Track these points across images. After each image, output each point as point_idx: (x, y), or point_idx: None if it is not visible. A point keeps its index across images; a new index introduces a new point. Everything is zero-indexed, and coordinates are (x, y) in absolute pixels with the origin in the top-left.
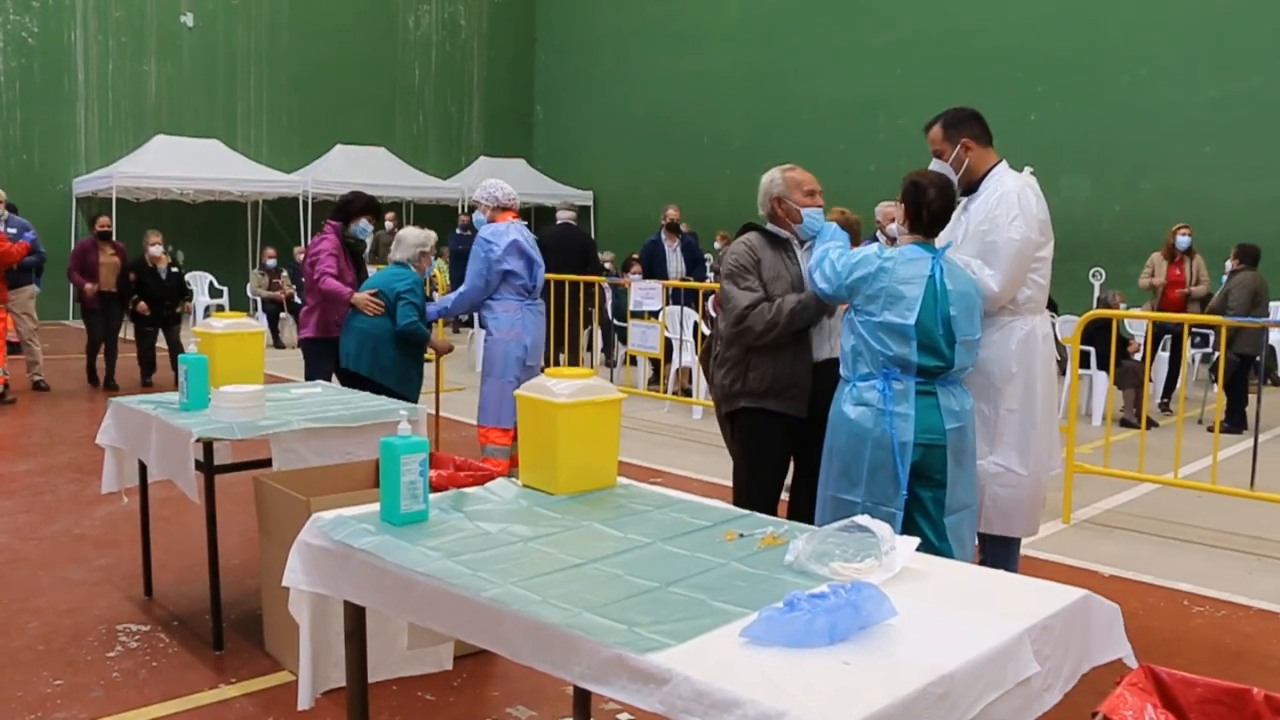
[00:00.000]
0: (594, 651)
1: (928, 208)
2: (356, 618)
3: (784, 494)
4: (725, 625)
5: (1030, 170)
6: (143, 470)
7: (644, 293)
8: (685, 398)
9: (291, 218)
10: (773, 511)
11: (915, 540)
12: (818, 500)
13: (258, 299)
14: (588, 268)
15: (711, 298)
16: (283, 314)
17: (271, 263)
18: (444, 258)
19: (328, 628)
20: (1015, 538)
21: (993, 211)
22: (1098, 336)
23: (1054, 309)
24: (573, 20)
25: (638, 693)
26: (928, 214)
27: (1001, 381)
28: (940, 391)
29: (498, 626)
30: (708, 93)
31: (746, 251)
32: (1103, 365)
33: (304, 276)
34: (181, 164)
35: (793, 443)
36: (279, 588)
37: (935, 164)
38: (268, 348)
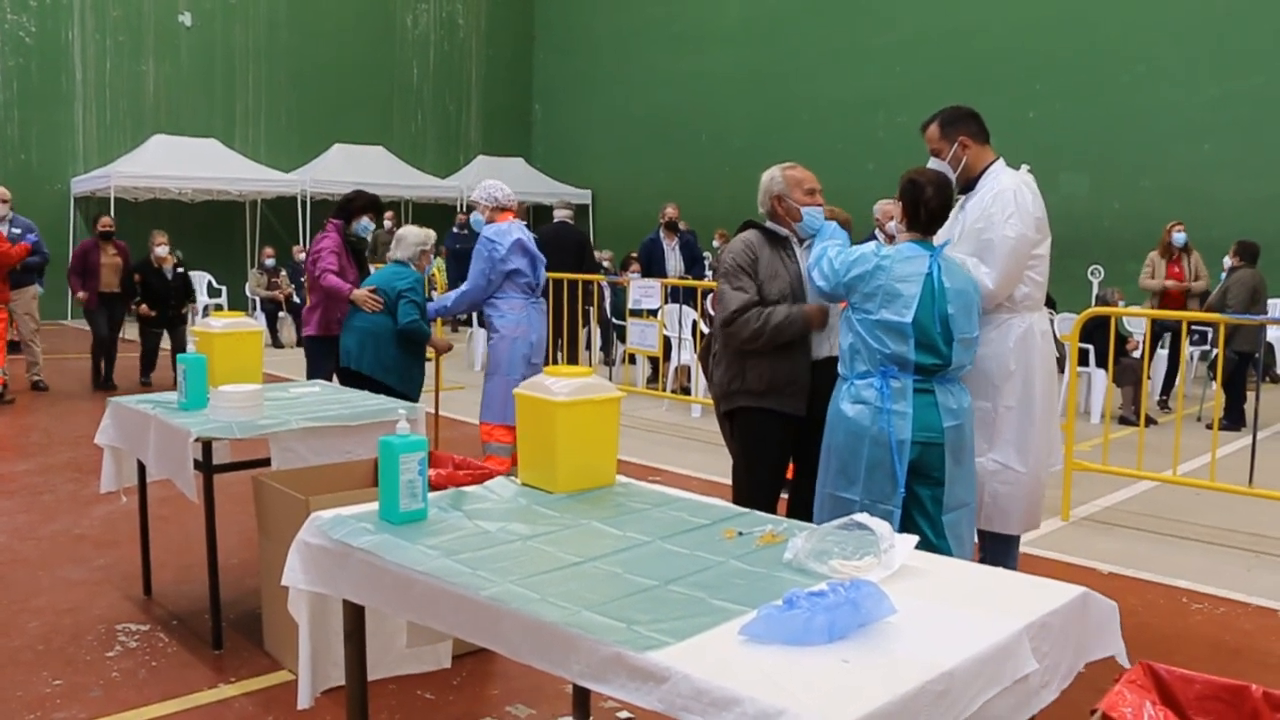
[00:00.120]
0: (593, 650)
1: (925, 206)
2: (356, 617)
3: (783, 493)
4: (724, 623)
5: (1027, 168)
6: (141, 470)
7: (642, 291)
8: (684, 396)
9: (290, 217)
10: (772, 510)
11: (914, 538)
12: (816, 498)
13: (256, 298)
14: (584, 266)
15: (710, 296)
16: (281, 313)
17: (270, 262)
18: (442, 256)
19: (327, 627)
20: (1014, 535)
21: (988, 209)
22: (1096, 334)
23: (1052, 306)
24: (571, 19)
25: (637, 691)
26: (925, 212)
27: (1000, 379)
28: (938, 389)
29: (497, 625)
30: (707, 92)
31: (744, 250)
32: (1101, 363)
33: (306, 274)
34: (180, 163)
35: (792, 441)
36: (278, 587)
37: (933, 162)
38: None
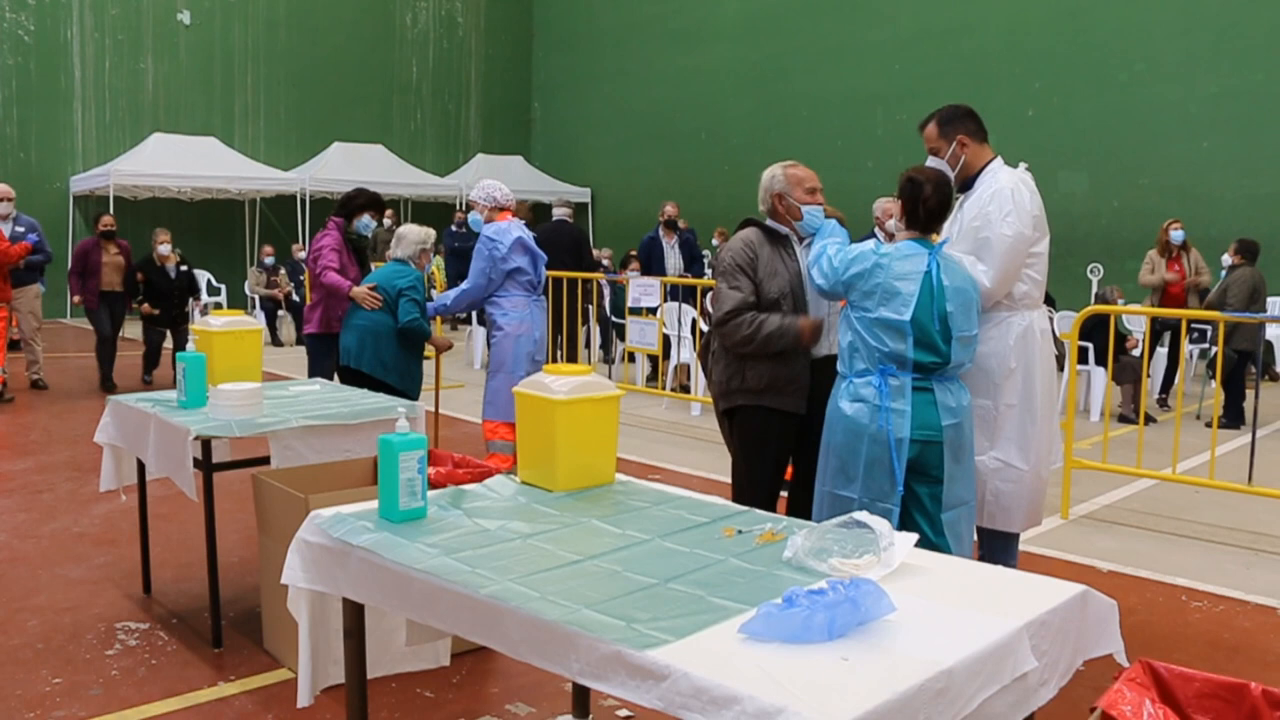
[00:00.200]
0: (593, 648)
1: (924, 204)
2: (355, 615)
3: (782, 491)
4: (724, 621)
5: (1025, 166)
6: (141, 468)
7: (642, 289)
8: (683, 394)
9: (289, 215)
10: (771, 508)
11: (914, 536)
12: (815, 496)
13: (255, 297)
14: (582, 264)
15: (710, 294)
16: (280, 311)
17: (269, 260)
18: (440, 255)
19: (327, 625)
20: (1014, 533)
21: (985, 208)
22: (1096, 332)
23: (1051, 304)
24: (570, 17)
25: (636, 689)
26: (924, 210)
27: (1000, 377)
28: (937, 388)
29: (496, 623)
30: (706, 90)
31: (743, 249)
32: (1101, 361)
33: (307, 272)
34: (179, 162)
35: (791, 439)
36: (278, 585)
37: (932, 160)
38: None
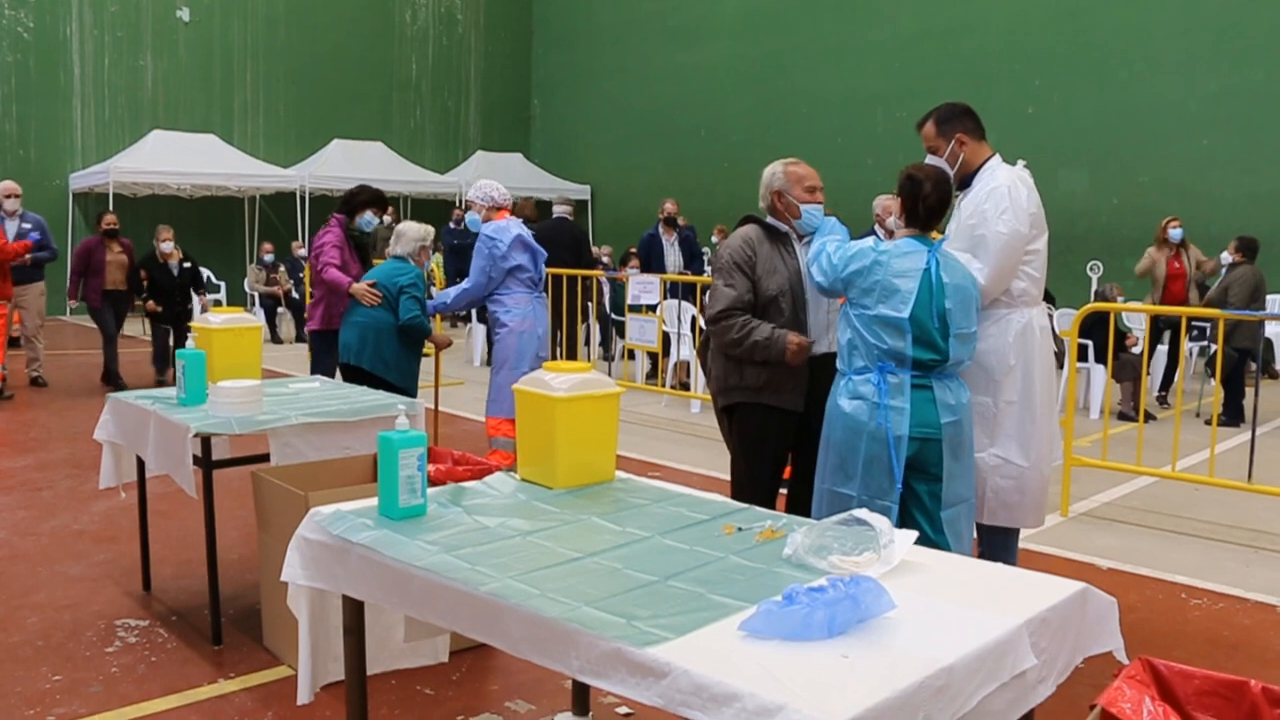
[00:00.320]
0: (593, 645)
1: (924, 201)
2: (355, 612)
3: (782, 489)
4: (724, 619)
5: (1024, 163)
6: (141, 465)
7: (642, 287)
8: (683, 392)
9: (289, 213)
10: (771, 505)
11: (914, 533)
12: (814, 494)
13: (255, 294)
14: (581, 261)
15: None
16: (280, 309)
17: (269, 258)
18: (439, 251)
19: (326, 622)
20: (1014, 530)
21: (981, 206)
22: (1095, 330)
23: (1051, 302)
24: (570, 14)
25: (636, 686)
26: (924, 208)
27: (1000, 374)
28: (936, 385)
29: (496, 620)
30: (705, 87)
31: (741, 246)
32: (1101, 358)
33: (310, 269)
34: (178, 159)
35: (790, 436)
36: (277, 582)
37: (930, 158)
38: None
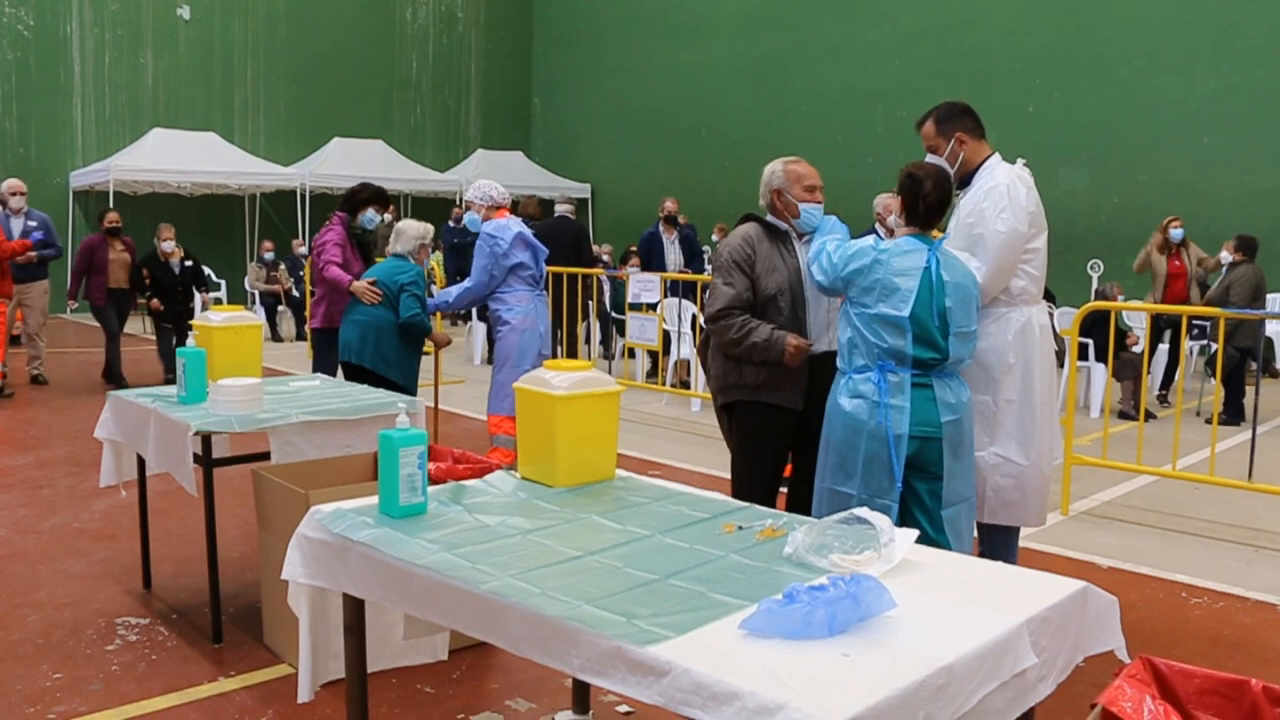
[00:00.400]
0: (593, 644)
1: (924, 200)
2: (356, 610)
3: (782, 487)
4: (724, 617)
5: (1023, 162)
6: (141, 464)
7: (642, 285)
8: (683, 390)
9: (289, 211)
10: (771, 503)
11: (914, 532)
12: (814, 493)
13: (255, 292)
14: (582, 260)
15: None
16: (280, 307)
17: (269, 256)
18: (439, 249)
19: (327, 620)
20: (1014, 528)
21: (980, 205)
22: (1096, 329)
23: (1051, 300)
24: (570, 12)
25: (637, 685)
26: (924, 206)
27: (999, 373)
28: (936, 384)
29: (497, 619)
30: (706, 85)
31: (741, 245)
32: (1101, 357)
33: (309, 267)
34: (178, 157)
35: (789, 434)
36: (278, 581)
37: (930, 157)
38: (265, 341)
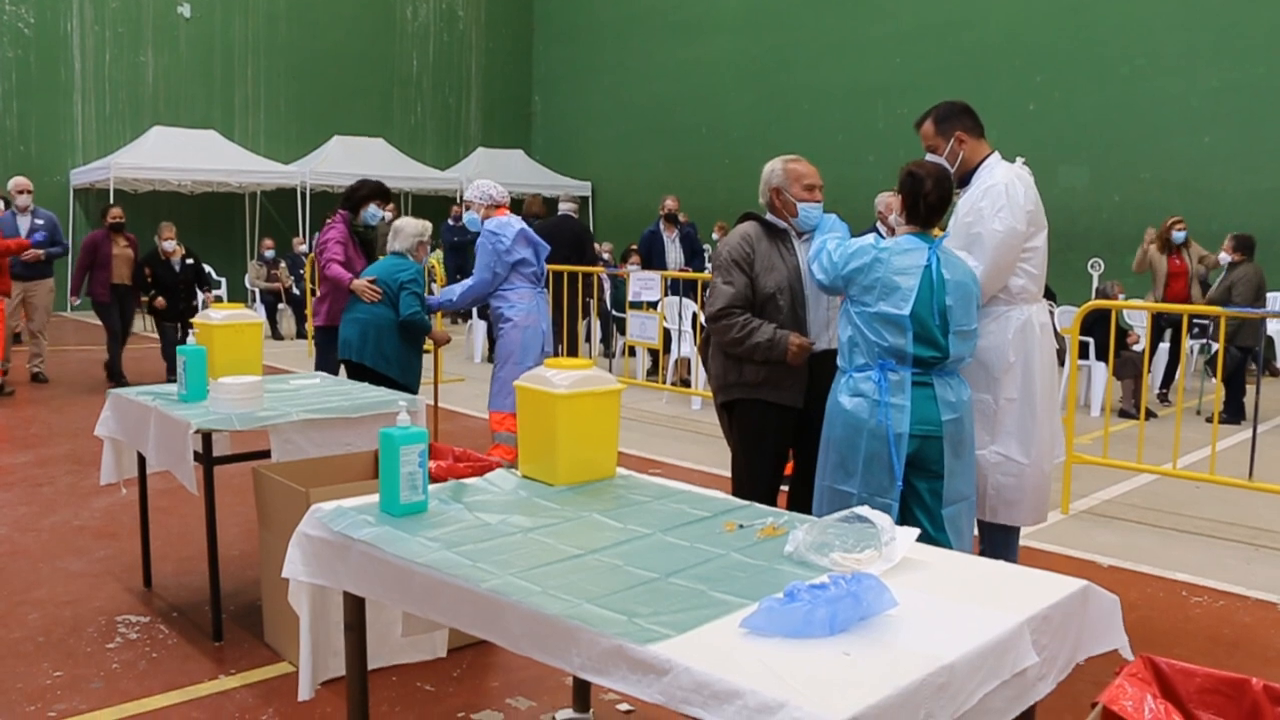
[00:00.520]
0: (594, 642)
1: (924, 199)
2: (356, 609)
3: (783, 486)
4: (725, 616)
5: (1023, 160)
6: (141, 462)
7: (642, 284)
8: (684, 388)
9: (289, 209)
10: (771, 502)
11: (915, 531)
12: (815, 491)
13: (256, 290)
14: (583, 258)
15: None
16: (281, 305)
17: (269, 254)
18: (440, 248)
19: (327, 618)
20: (1015, 527)
21: (978, 204)
22: (1096, 327)
23: (1052, 299)
24: (571, 10)
25: (638, 683)
26: (924, 205)
27: (1000, 371)
28: (937, 383)
29: (497, 617)
30: (706, 83)
31: (740, 243)
32: (1101, 356)
33: (310, 265)
34: (179, 155)
35: (790, 433)
36: (278, 579)
37: (930, 157)
38: (266, 339)
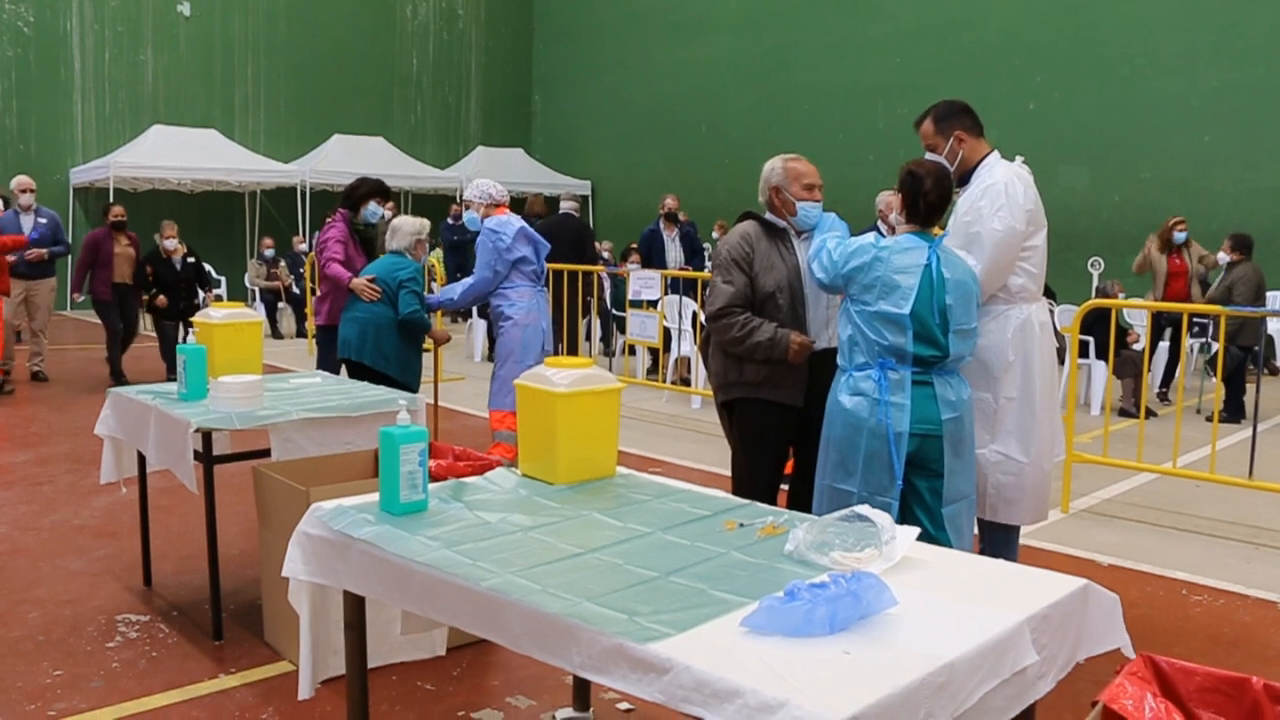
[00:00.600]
0: (594, 641)
1: (924, 198)
2: (356, 608)
3: (783, 484)
4: (726, 615)
5: (1022, 159)
6: (141, 460)
7: (642, 282)
8: (684, 387)
9: (289, 208)
10: (772, 500)
11: (915, 530)
12: (815, 490)
13: (255, 289)
14: (584, 257)
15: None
16: (280, 304)
17: (269, 253)
18: (440, 246)
19: (327, 617)
20: (1015, 526)
21: (977, 203)
22: (1096, 326)
23: (1052, 298)
24: (571, 9)
25: (638, 682)
26: (924, 204)
27: (999, 370)
28: (937, 381)
29: (497, 616)
30: (706, 82)
31: (739, 243)
32: (1101, 355)
33: (310, 264)
34: (179, 154)
35: (790, 431)
36: (278, 578)
37: (929, 156)
38: (266, 338)
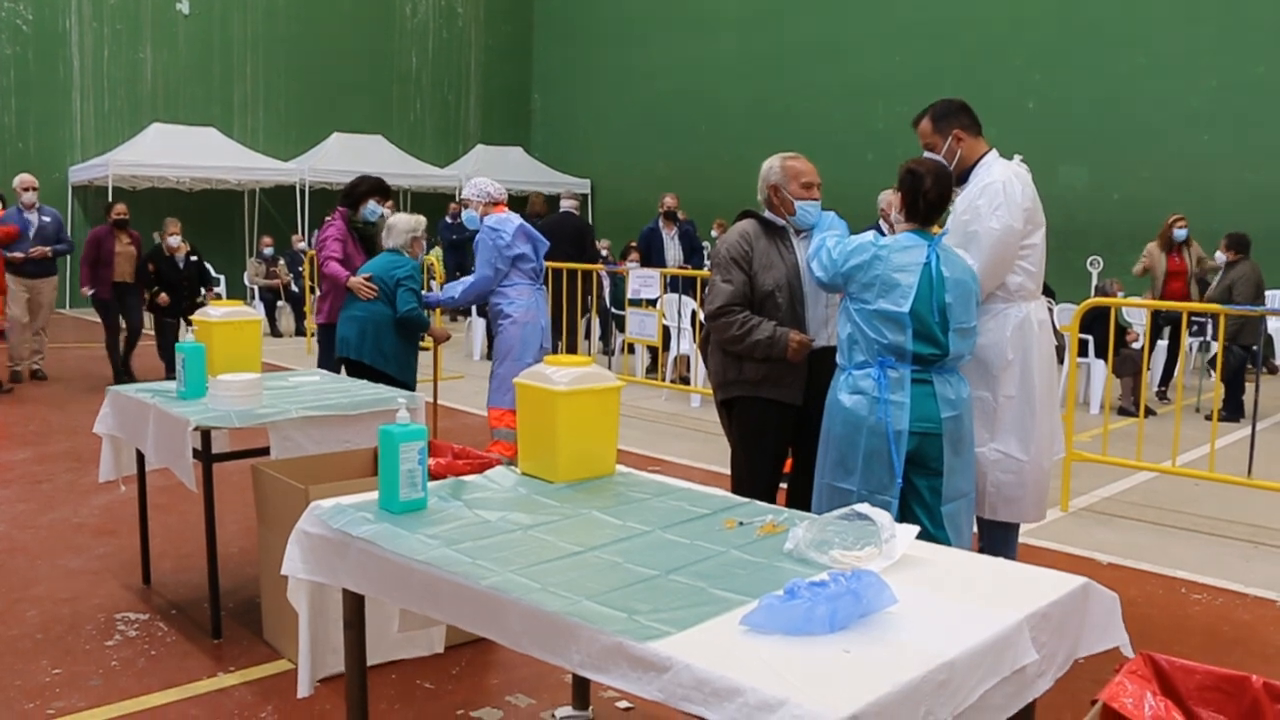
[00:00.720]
0: (594, 639)
1: (924, 196)
2: (355, 606)
3: (782, 483)
4: (725, 613)
5: (1020, 158)
6: (140, 459)
7: (642, 281)
8: (683, 386)
9: (288, 206)
10: (771, 498)
11: (915, 528)
12: (814, 489)
13: (255, 287)
14: (584, 255)
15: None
16: (280, 302)
17: (268, 251)
18: (439, 245)
19: (326, 616)
20: (1014, 525)
21: (975, 202)
22: (1096, 325)
23: (1051, 296)
24: (571, 7)
25: (638, 681)
26: (924, 202)
27: (998, 369)
28: (936, 380)
29: (497, 615)
30: (706, 80)
31: (738, 241)
32: (1101, 353)
33: (309, 263)
34: (178, 152)
35: (789, 430)
36: (277, 576)
37: (928, 154)
38: (265, 336)
